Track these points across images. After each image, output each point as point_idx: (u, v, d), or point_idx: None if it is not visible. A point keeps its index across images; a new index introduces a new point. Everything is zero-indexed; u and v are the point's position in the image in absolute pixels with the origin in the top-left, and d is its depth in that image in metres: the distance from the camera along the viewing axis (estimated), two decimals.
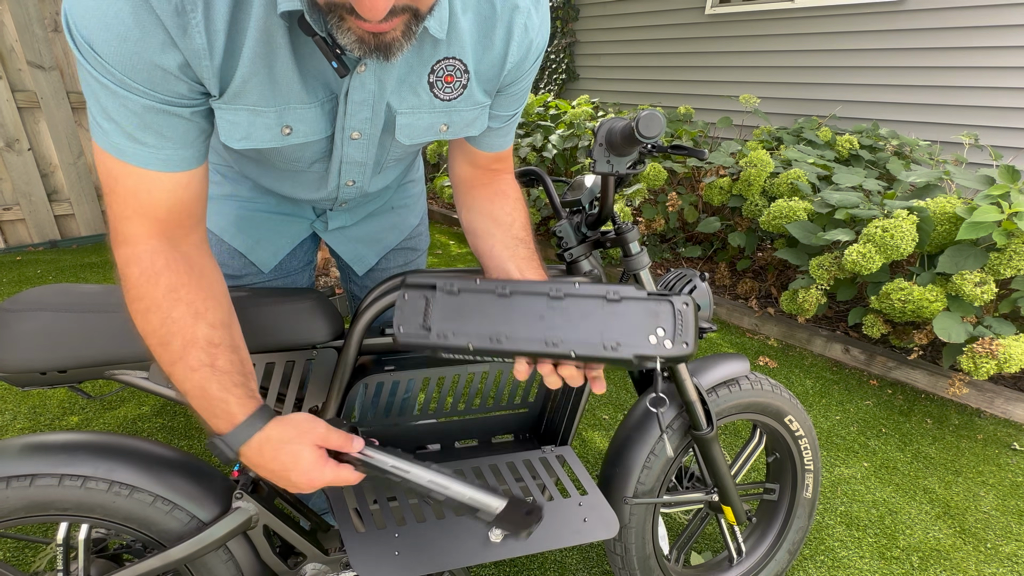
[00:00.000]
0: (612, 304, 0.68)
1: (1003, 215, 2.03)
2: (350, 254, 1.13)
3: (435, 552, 0.83)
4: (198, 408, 0.70)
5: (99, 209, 3.77)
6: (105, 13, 0.54)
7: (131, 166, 0.65)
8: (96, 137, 0.64)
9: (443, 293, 0.71)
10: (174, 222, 0.70)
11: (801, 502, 1.38)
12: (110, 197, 0.67)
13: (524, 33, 0.75)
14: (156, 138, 0.64)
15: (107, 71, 0.58)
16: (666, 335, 0.66)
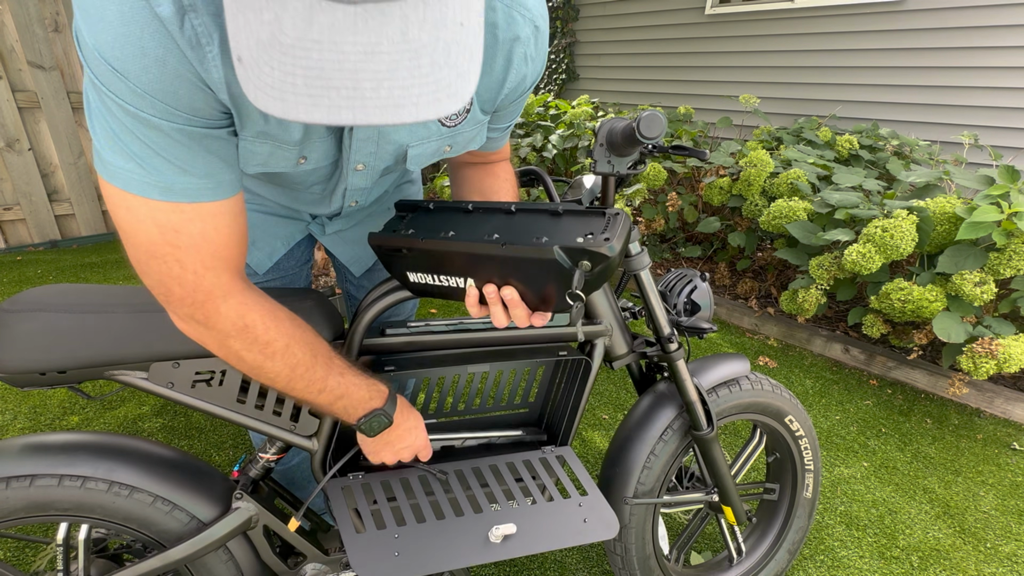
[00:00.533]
0: (555, 217, 0.75)
1: (1003, 215, 2.03)
2: (347, 255, 1.13)
3: (435, 552, 0.83)
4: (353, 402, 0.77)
5: (99, 209, 3.77)
6: (136, 40, 0.51)
7: (187, 206, 0.60)
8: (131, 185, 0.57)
9: (421, 211, 0.85)
10: (243, 259, 0.67)
11: (801, 502, 1.38)
12: (175, 252, 0.60)
13: (523, 62, 0.75)
14: (205, 166, 0.60)
15: (148, 102, 0.54)
16: (594, 236, 0.69)
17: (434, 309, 3.01)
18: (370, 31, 0.42)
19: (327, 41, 0.41)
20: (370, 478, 0.93)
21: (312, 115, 0.44)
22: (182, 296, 0.64)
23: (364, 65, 0.42)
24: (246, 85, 0.45)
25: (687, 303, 1.14)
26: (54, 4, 3.29)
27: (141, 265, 0.62)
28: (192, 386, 0.83)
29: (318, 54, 0.42)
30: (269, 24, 0.42)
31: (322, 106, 0.43)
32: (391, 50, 0.43)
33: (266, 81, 0.43)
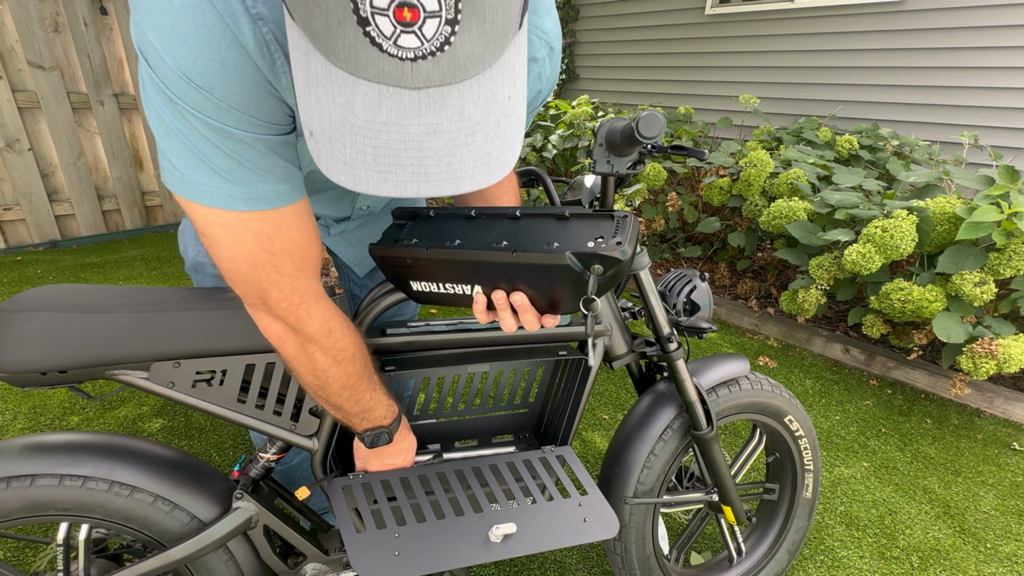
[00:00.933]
0: (561, 221, 0.75)
1: (1003, 215, 2.03)
2: (350, 256, 1.14)
3: (435, 552, 0.83)
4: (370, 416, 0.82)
5: (99, 209, 3.77)
6: (215, 54, 0.52)
7: (273, 213, 0.61)
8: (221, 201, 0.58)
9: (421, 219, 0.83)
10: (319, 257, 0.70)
11: (801, 502, 1.38)
12: (272, 259, 0.63)
13: (537, 80, 0.76)
14: (283, 171, 0.62)
15: (233, 115, 0.55)
16: (604, 240, 0.70)
17: (434, 310, 3.01)
18: (432, 112, 0.45)
19: (394, 123, 0.45)
20: (370, 478, 0.93)
21: (381, 188, 0.48)
22: (279, 300, 0.66)
23: (427, 143, 0.46)
24: (318, 157, 0.48)
25: (686, 303, 1.14)
26: (54, 4, 3.29)
27: (239, 275, 0.64)
28: (192, 386, 0.83)
29: (386, 134, 0.46)
30: (341, 106, 0.45)
31: (390, 180, 0.47)
32: (450, 128, 0.46)
33: (338, 156, 0.47)
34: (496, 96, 0.48)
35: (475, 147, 0.48)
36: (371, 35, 0.41)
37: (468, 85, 0.46)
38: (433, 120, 0.45)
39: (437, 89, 0.45)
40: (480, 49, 0.44)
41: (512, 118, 0.50)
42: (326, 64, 0.44)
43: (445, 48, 0.42)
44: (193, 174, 0.57)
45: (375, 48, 0.42)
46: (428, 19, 0.40)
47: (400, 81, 0.44)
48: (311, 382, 0.75)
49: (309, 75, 0.46)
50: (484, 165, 0.49)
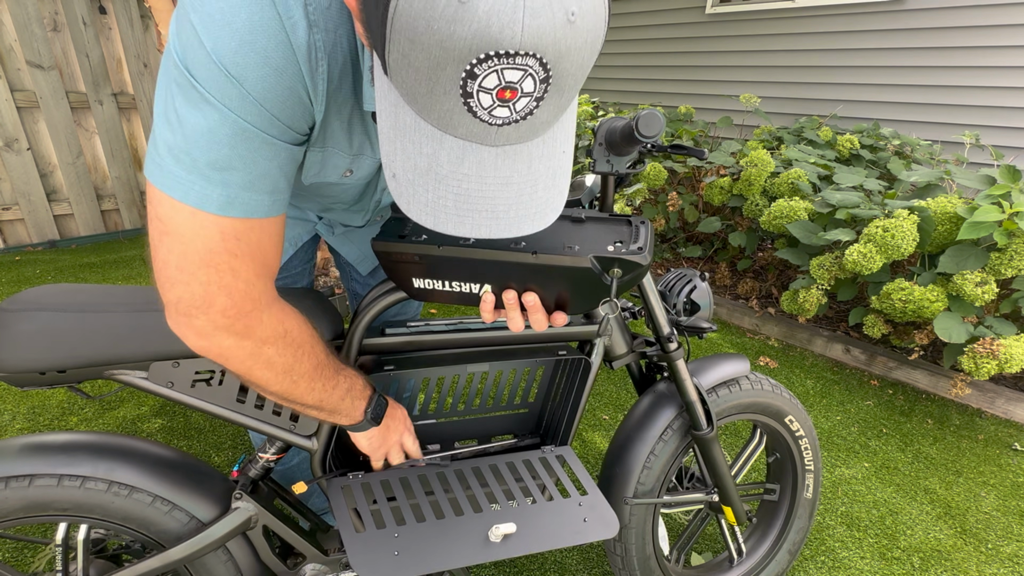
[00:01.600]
0: (577, 223, 0.76)
1: (1004, 215, 2.03)
2: (353, 254, 1.13)
3: (435, 552, 0.83)
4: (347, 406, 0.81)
5: (98, 209, 3.77)
6: (260, 49, 0.53)
7: (249, 220, 0.60)
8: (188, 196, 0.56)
9: None
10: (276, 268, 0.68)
11: (801, 502, 1.38)
12: (232, 261, 0.60)
13: None
14: (273, 183, 0.61)
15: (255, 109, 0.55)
16: (623, 245, 0.73)
17: (434, 309, 3.00)
18: (506, 166, 0.51)
19: (475, 175, 0.51)
20: (370, 478, 0.93)
21: (459, 230, 0.53)
22: (226, 307, 0.62)
23: (499, 193, 0.52)
24: (398, 197, 0.53)
25: (687, 303, 1.14)
26: (53, 3, 3.29)
27: (184, 274, 0.59)
28: (192, 385, 0.83)
29: (467, 184, 0.51)
30: (427, 156, 0.50)
31: (467, 224, 0.53)
32: (519, 180, 0.52)
33: (420, 199, 0.52)
34: (555, 151, 0.54)
35: (536, 196, 0.54)
36: (471, 106, 0.45)
37: (536, 143, 0.52)
38: (506, 173, 0.51)
39: (512, 147, 0.51)
40: (553, 116, 0.50)
41: (564, 170, 0.56)
42: (416, 119, 0.49)
43: (528, 118, 0.48)
44: (175, 165, 0.56)
45: (470, 114, 0.46)
46: (523, 97, 0.45)
47: (484, 140, 0.49)
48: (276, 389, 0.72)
49: (397, 124, 0.51)
50: (541, 211, 0.55)
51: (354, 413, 0.82)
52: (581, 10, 0.43)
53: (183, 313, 0.62)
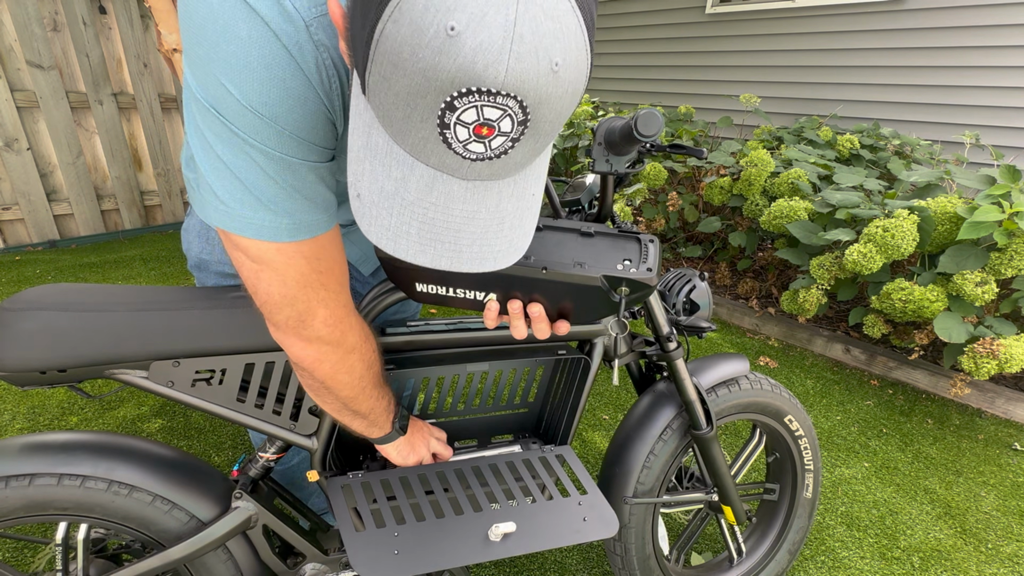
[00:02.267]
0: (585, 237, 0.76)
1: (1004, 215, 2.03)
2: (355, 254, 1.13)
3: (435, 551, 0.83)
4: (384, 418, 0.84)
5: (98, 209, 3.77)
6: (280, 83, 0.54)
7: (320, 238, 0.65)
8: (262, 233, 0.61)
9: None
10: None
11: (801, 502, 1.38)
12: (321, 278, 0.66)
13: None
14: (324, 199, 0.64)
15: (293, 142, 0.58)
16: (632, 264, 0.73)
17: (434, 309, 3.01)
18: (475, 201, 0.51)
19: (441, 205, 0.50)
20: (370, 477, 0.93)
21: (418, 258, 0.52)
22: (326, 317, 0.69)
23: (465, 227, 0.51)
24: (360, 218, 0.52)
25: (686, 302, 1.14)
26: (53, 3, 3.29)
27: (288, 298, 0.66)
28: (192, 385, 0.83)
29: (432, 213, 0.50)
30: (396, 181, 0.49)
31: (428, 253, 0.52)
32: (486, 217, 0.52)
33: (383, 223, 0.51)
34: (525, 192, 0.54)
35: (502, 235, 0.54)
36: (447, 137, 0.45)
37: (507, 182, 0.52)
38: (474, 208, 0.51)
39: (483, 183, 0.50)
40: (527, 159, 0.50)
41: (532, 211, 0.56)
42: (389, 142, 0.49)
43: (502, 156, 0.48)
44: (240, 207, 0.59)
45: (444, 145, 0.46)
46: (499, 136, 0.45)
47: (456, 172, 0.48)
48: (347, 393, 0.77)
49: (368, 145, 0.50)
50: (506, 250, 0.55)
51: (386, 425, 0.86)
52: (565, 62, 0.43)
53: (292, 329, 0.69)
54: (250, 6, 0.51)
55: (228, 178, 0.58)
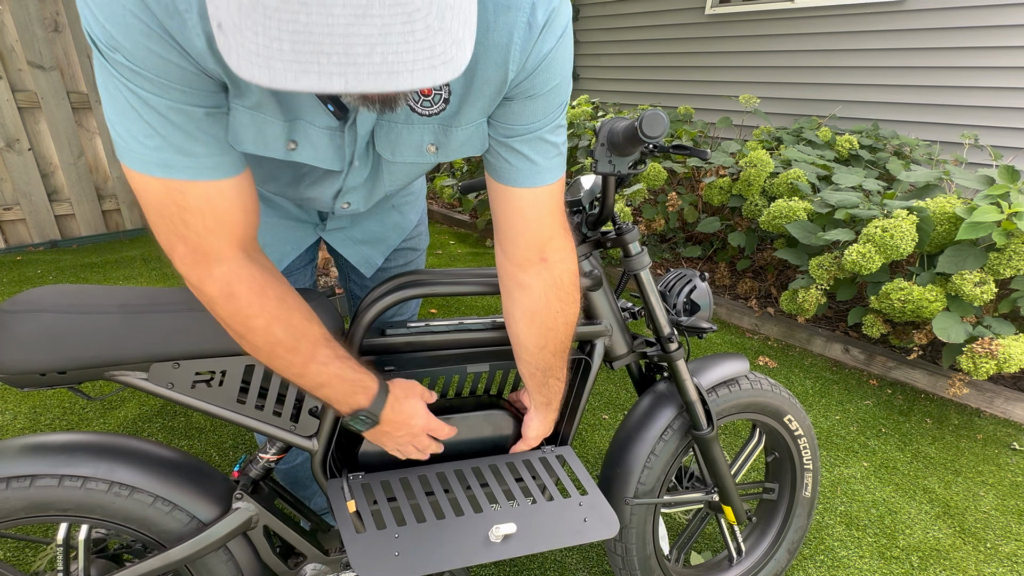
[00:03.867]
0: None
1: (1003, 215, 2.03)
2: (356, 257, 1.13)
3: (435, 552, 0.83)
4: (335, 394, 0.77)
5: (99, 209, 3.77)
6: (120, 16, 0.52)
7: (188, 181, 0.62)
8: (134, 163, 0.60)
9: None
10: (248, 233, 0.68)
11: (800, 501, 1.38)
12: (180, 213, 0.63)
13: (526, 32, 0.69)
14: (204, 146, 0.61)
15: (144, 78, 0.55)
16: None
17: (434, 309, 3.01)
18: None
19: (315, 3, 0.39)
20: (370, 478, 0.93)
21: (300, 82, 0.41)
22: (184, 255, 0.66)
23: (355, 29, 0.40)
24: (227, 54, 0.43)
25: (686, 303, 1.14)
26: (54, 4, 3.29)
27: (151, 222, 0.65)
28: (192, 386, 0.83)
29: (305, 17, 0.40)
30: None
31: (311, 72, 0.41)
32: (383, 13, 0.40)
33: (249, 48, 0.41)
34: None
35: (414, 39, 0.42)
36: None
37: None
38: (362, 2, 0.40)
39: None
40: None
41: (460, 11, 0.45)
42: None
43: None
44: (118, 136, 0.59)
45: None
46: None
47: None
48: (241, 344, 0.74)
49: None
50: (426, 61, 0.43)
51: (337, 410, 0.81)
52: None
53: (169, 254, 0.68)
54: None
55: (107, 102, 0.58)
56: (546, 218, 0.79)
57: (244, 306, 0.69)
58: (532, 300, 0.84)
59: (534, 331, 0.86)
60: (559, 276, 0.83)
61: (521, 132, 0.73)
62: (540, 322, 0.85)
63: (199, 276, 0.67)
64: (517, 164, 0.75)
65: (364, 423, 0.81)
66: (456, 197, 4.61)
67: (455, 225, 4.68)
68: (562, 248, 0.83)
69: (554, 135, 0.75)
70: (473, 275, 0.95)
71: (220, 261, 0.67)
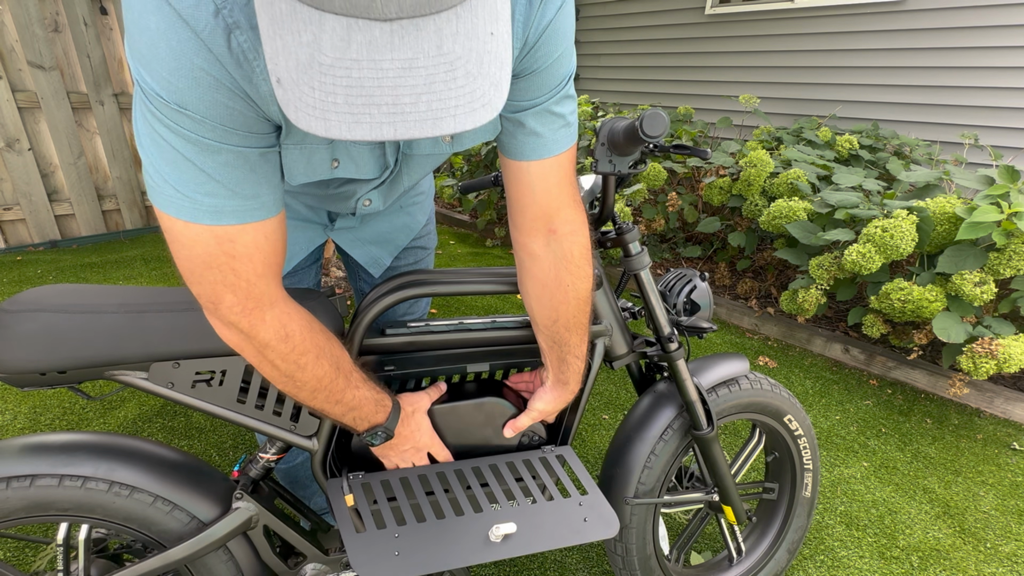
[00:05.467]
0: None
1: (1003, 215, 2.03)
2: (365, 257, 1.13)
3: (435, 552, 0.83)
4: (362, 415, 0.81)
5: (99, 209, 3.77)
6: (188, 71, 0.53)
7: (242, 225, 0.62)
8: (183, 213, 0.60)
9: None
10: (283, 263, 0.69)
11: (800, 501, 1.38)
12: (231, 263, 0.63)
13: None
14: (255, 186, 0.62)
15: (208, 127, 0.56)
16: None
17: (434, 309, 3.01)
18: (407, 46, 0.43)
19: (366, 59, 0.42)
20: (370, 478, 0.93)
21: (355, 132, 0.45)
22: (232, 304, 0.66)
23: (402, 80, 0.43)
24: (286, 106, 0.46)
25: (687, 303, 1.14)
26: (54, 4, 3.29)
27: (195, 275, 0.64)
28: (192, 386, 0.83)
29: (358, 72, 0.43)
30: (307, 45, 0.43)
31: (364, 123, 0.44)
32: (427, 64, 0.44)
33: (307, 102, 0.44)
34: (477, 31, 0.45)
35: (456, 85, 0.45)
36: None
37: (445, 17, 0.43)
38: (408, 55, 0.43)
39: (411, 21, 0.42)
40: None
41: (496, 56, 0.47)
42: (290, 2, 0.42)
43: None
44: (164, 185, 0.59)
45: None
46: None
47: (369, 12, 0.41)
48: (283, 386, 0.75)
49: (273, 16, 0.44)
50: (468, 105, 0.46)
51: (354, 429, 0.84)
52: None
53: (207, 309, 0.68)
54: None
55: (155, 156, 0.58)
56: (553, 190, 0.79)
57: (298, 343, 0.71)
58: (542, 271, 0.85)
59: (544, 303, 0.87)
60: (568, 249, 0.83)
61: (526, 106, 0.73)
62: (550, 295, 0.85)
63: (251, 323, 0.67)
64: (522, 138, 0.75)
65: (380, 437, 0.84)
66: (456, 197, 4.61)
67: (455, 225, 4.68)
68: (571, 220, 0.82)
69: (560, 106, 0.74)
70: (474, 275, 0.95)
71: (271, 304, 0.68)
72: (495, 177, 1.23)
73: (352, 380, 0.78)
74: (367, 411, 0.81)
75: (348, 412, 0.80)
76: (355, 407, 0.80)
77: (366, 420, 0.82)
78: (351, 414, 0.80)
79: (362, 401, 0.80)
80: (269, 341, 0.69)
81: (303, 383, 0.74)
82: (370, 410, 0.81)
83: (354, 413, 0.80)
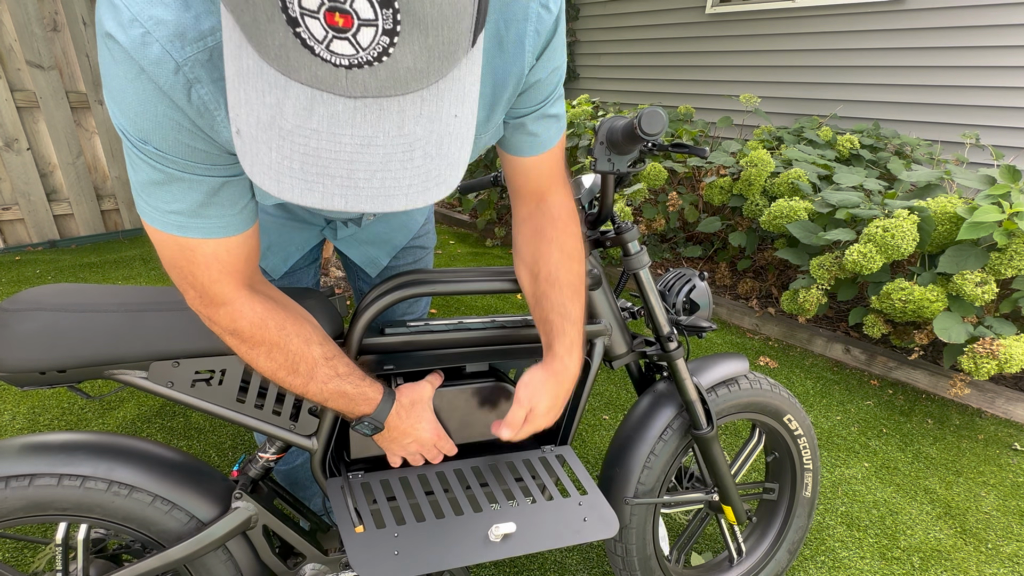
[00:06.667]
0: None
1: (1004, 215, 2.03)
2: (362, 257, 1.13)
3: (435, 551, 0.83)
4: (339, 406, 0.81)
5: (98, 209, 3.77)
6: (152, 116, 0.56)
7: (199, 240, 0.66)
8: (154, 222, 0.65)
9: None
10: (251, 272, 0.74)
11: (801, 501, 1.38)
12: (190, 267, 0.68)
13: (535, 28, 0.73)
14: (219, 208, 0.65)
15: (171, 160, 0.60)
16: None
17: (434, 309, 3.00)
18: (368, 124, 0.44)
19: (326, 131, 0.43)
20: (370, 477, 0.93)
21: (306, 198, 0.46)
22: (193, 297, 0.72)
23: (359, 156, 0.44)
24: (242, 158, 0.47)
25: (686, 302, 1.14)
26: (53, 3, 3.28)
27: (167, 270, 0.71)
28: (192, 385, 0.83)
29: (316, 142, 0.44)
30: (270, 107, 0.43)
31: (316, 191, 0.45)
32: (386, 143, 0.44)
33: (263, 160, 0.45)
34: (440, 113, 0.46)
35: (412, 165, 0.46)
36: (302, 37, 0.39)
37: (410, 99, 0.44)
38: (368, 132, 0.44)
39: (375, 100, 0.43)
40: (423, 64, 0.42)
41: (458, 137, 0.48)
42: (258, 61, 0.42)
43: (384, 59, 0.40)
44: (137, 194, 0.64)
45: (307, 51, 0.40)
46: (363, 27, 0.38)
47: (334, 88, 0.42)
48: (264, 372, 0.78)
49: (240, 70, 0.44)
50: (421, 184, 0.47)
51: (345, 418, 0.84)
52: None
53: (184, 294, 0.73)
54: (128, 54, 0.52)
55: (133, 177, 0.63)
56: (545, 176, 0.85)
57: (247, 337, 0.74)
58: (528, 227, 0.89)
59: (527, 258, 0.89)
60: (555, 210, 0.87)
61: (526, 112, 0.77)
62: (533, 248, 0.88)
63: (208, 314, 0.73)
64: (522, 139, 0.80)
65: (368, 428, 0.83)
66: (456, 197, 4.61)
67: (455, 225, 4.68)
68: (559, 192, 0.88)
69: (554, 107, 0.79)
70: (473, 274, 0.95)
71: (224, 303, 0.72)
72: (495, 177, 1.23)
73: (317, 376, 0.77)
74: (342, 404, 0.81)
75: (322, 403, 0.81)
76: (326, 399, 0.80)
77: (348, 411, 0.82)
78: (326, 404, 0.81)
79: (332, 395, 0.79)
80: (222, 332, 0.74)
81: (262, 370, 0.77)
82: (346, 404, 0.81)
83: (328, 404, 0.81)
